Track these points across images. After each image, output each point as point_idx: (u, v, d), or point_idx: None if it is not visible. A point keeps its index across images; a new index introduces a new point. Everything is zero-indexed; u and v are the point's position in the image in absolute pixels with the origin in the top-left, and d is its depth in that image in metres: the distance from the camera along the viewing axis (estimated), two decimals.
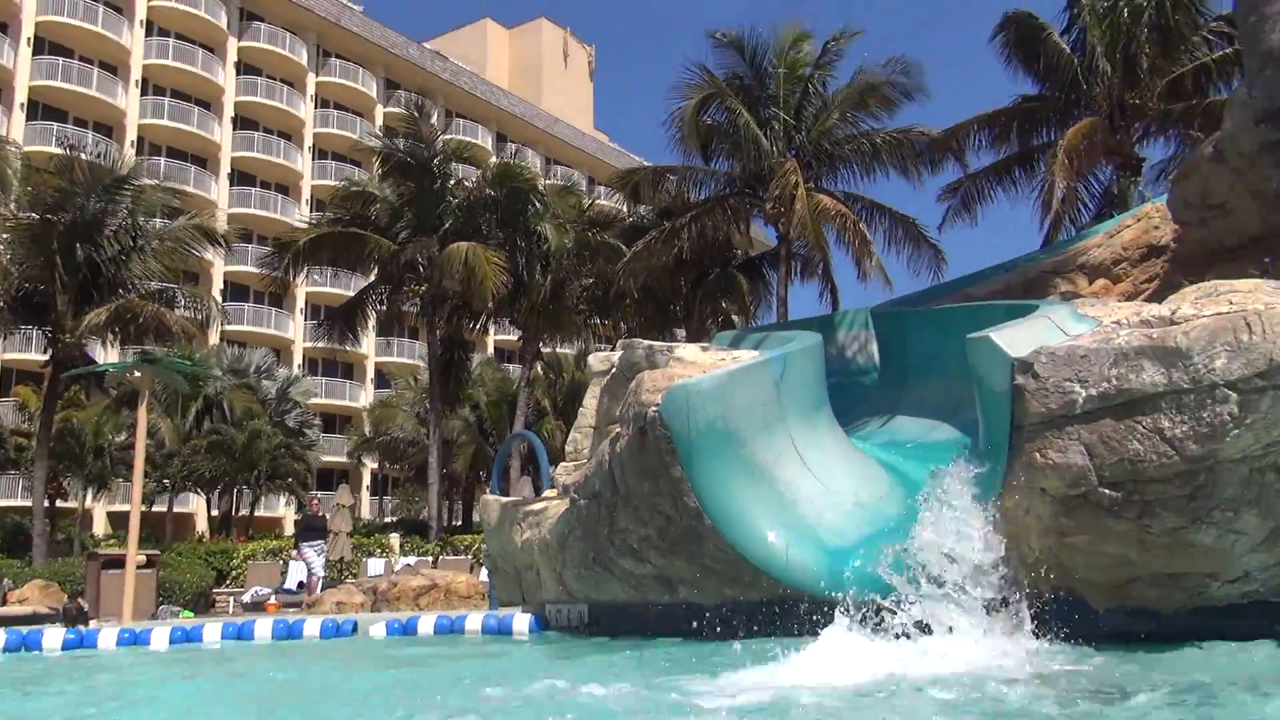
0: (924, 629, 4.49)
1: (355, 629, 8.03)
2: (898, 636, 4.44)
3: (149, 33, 44.76)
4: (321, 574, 16.54)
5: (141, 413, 14.68)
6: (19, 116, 39.84)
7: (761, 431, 5.84)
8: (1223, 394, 4.10)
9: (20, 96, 40.04)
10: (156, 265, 24.74)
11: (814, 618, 4.72)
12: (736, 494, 5.54)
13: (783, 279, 25.15)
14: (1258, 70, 7.70)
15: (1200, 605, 4.55)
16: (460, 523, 38.00)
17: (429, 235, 26.62)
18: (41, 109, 40.77)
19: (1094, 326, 5.01)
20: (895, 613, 4.44)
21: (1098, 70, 20.96)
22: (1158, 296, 9.05)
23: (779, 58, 24.61)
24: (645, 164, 31.01)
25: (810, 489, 5.74)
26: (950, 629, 4.41)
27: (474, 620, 7.94)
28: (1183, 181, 10.16)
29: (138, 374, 15.19)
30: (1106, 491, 4.33)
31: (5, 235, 22.16)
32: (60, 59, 41.23)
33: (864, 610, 4.53)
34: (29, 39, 40.61)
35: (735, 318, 28.26)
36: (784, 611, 5.20)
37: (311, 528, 17.48)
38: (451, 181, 27.44)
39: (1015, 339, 4.88)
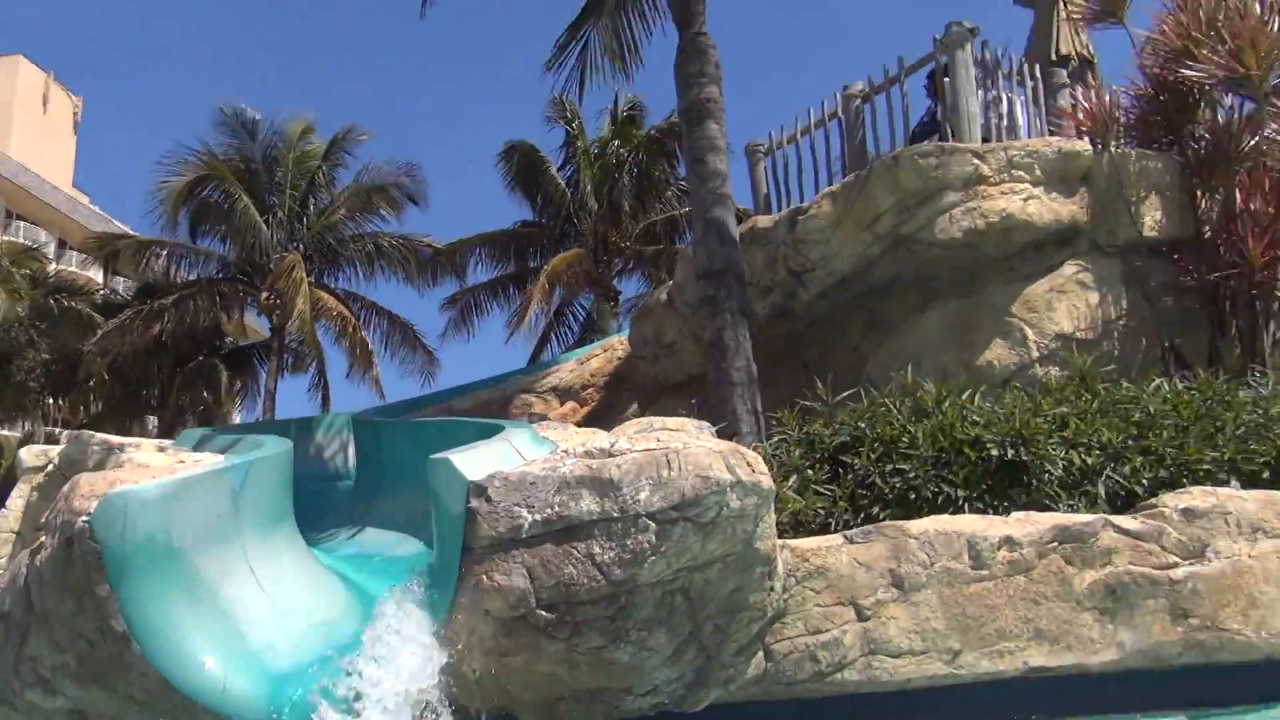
0: None
1: None
2: None
3: None
4: None
5: None
6: None
7: (212, 545, 5.44)
8: (644, 523, 4.56)
9: None
10: None
11: None
12: (173, 616, 5.06)
13: (273, 372, 24.16)
14: (700, 234, 8.96)
15: (616, 719, 4.95)
16: None
17: None
18: None
19: (550, 450, 5.36)
20: None
21: (587, 207, 23.20)
22: (615, 423, 10.01)
23: (287, 146, 24.16)
24: (130, 232, 28.42)
25: (260, 609, 5.42)
26: None
27: None
28: (641, 321, 11.47)
29: None
30: (543, 613, 4.59)
31: None
32: None
33: None
34: None
35: (215, 410, 26.50)
36: None
37: None
38: None
39: (475, 461, 5.05)
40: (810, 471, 6.27)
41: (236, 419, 28.91)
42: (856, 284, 9.14)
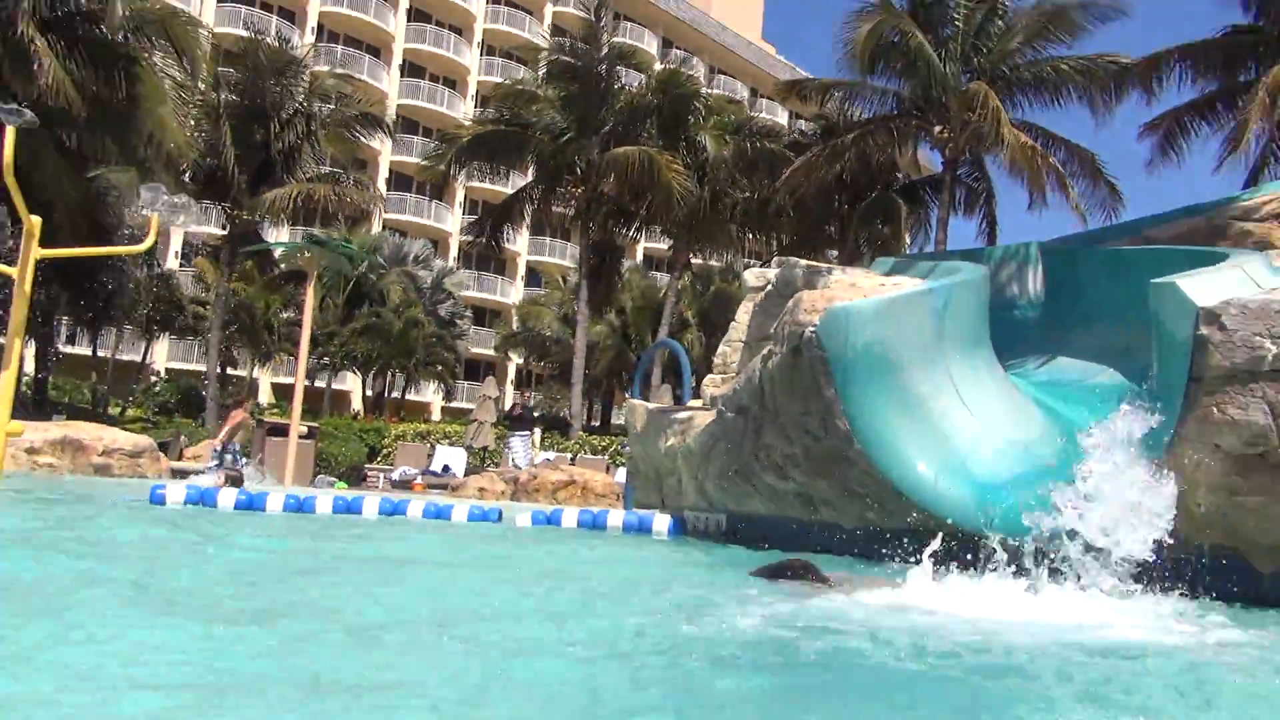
0: (1069, 578, 4.39)
1: (500, 517, 8.41)
2: (1049, 577, 4.35)
3: None
4: (523, 464, 17.26)
5: (310, 292, 15.48)
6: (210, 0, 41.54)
7: (919, 361, 5.77)
8: None
9: None
10: (329, 148, 25.84)
11: (955, 551, 4.68)
12: (889, 421, 5.52)
13: (946, 204, 24.36)
14: None
15: None
16: (599, 423, 38.84)
17: (589, 138, 26.75)
18: None
19: None
20: (1047, 556, 4.36)
21: None
22: None
23: None
24: (811, 77, 30.16)
25: (964, 423, 5.67)
26: (1096, 585, 4.30)
27: (615, 518, 8.20)
28: None
29: (306, 254, 15.92)
30: None
31: (193, 113, 23.37)
32: None
33: (1012, 550, 4.46)
34: None
35: (892, 243, 27.55)
36: (923, 542, 5.19)
37: (520, 419, 18.63)
38: (616, 85, 27.38)
39: (1203, 287, 4.65)
40: None
41: (909, 252, 29.89)
42: None
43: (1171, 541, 4.45)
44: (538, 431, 24.83)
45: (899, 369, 5.64)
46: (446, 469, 17.75)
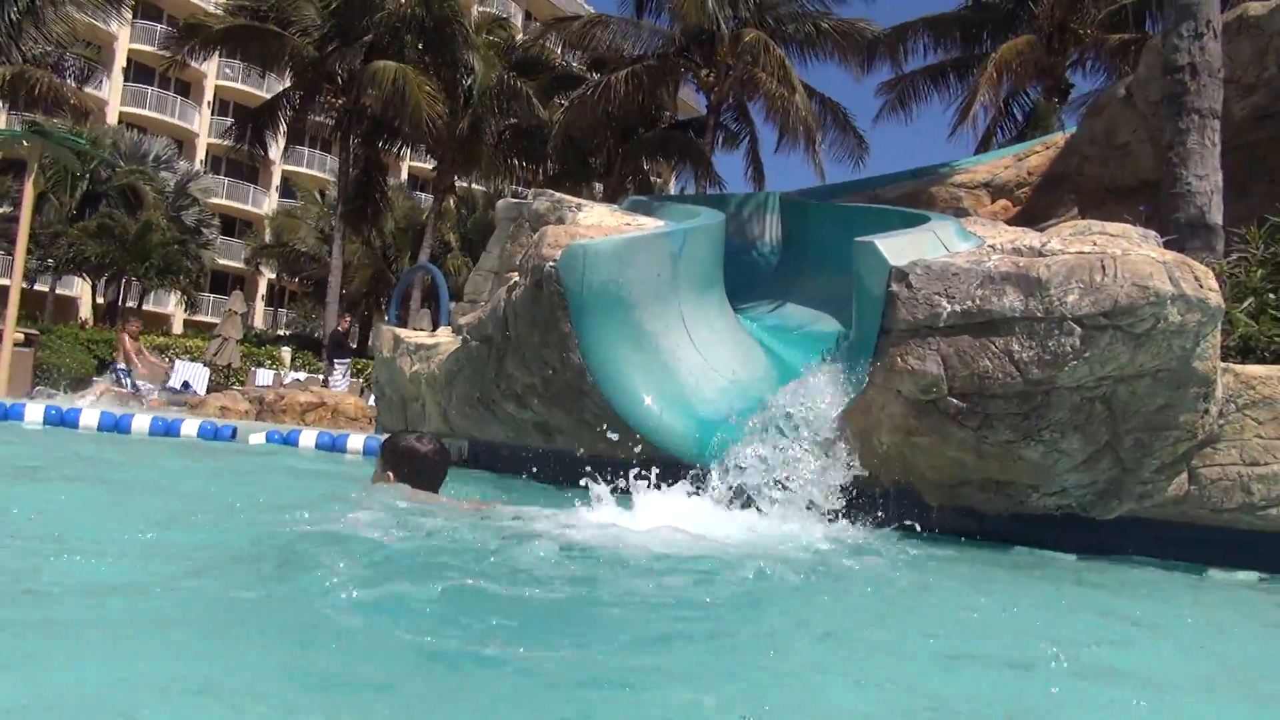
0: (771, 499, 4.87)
1: (234, 435, 8.19)
2: (744, 505, 4.82)
3: None
4: (342, 390, 16.54)
5: (28, 187, 14.19)
6: None
7: (653, 300, 6.08)
8: (1069, 326, 4.46)
9: None
10: (57, 29, 23.38)
11: (676, 477, 5.06)
12: (621, 356, 5.81)
13: (708, 148, 25.14)
14: (1173, 21, 7.96)
15: (1020, 512, 5.04)
16: (355, 345, 37.84)
17: (350, 46, 25.60)
18: None
19: (976, 245, 5.32)
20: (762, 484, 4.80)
21: None
22: (1049, 227, 9.48)
23: None
24: (586, 7, 30.08)
25: (692, 361, 6.05)
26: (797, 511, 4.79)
27: (355, 441, 8.17)
28: (1092, 117, 10.54)
29: (26, 144, 14.59)
30: (954, 400, 4.72)
31: None
32: None
33: (721, 474, 4.89)
34: None
35: (655, 180, 28.18)
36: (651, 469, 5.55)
37: (339, 344, 17.93)
38: None
39: (898, 247, 5.15)
40: (1272, 295, 5.68)
41: (673, 190, 30.66)
42: None
43: (864, 474, 5.00)
44: (287, 351, 23.92)
45: (633, 307, 5.93)
46: (187, 385, 16.89)
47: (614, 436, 5.40)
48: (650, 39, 25.28)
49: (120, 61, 41.39)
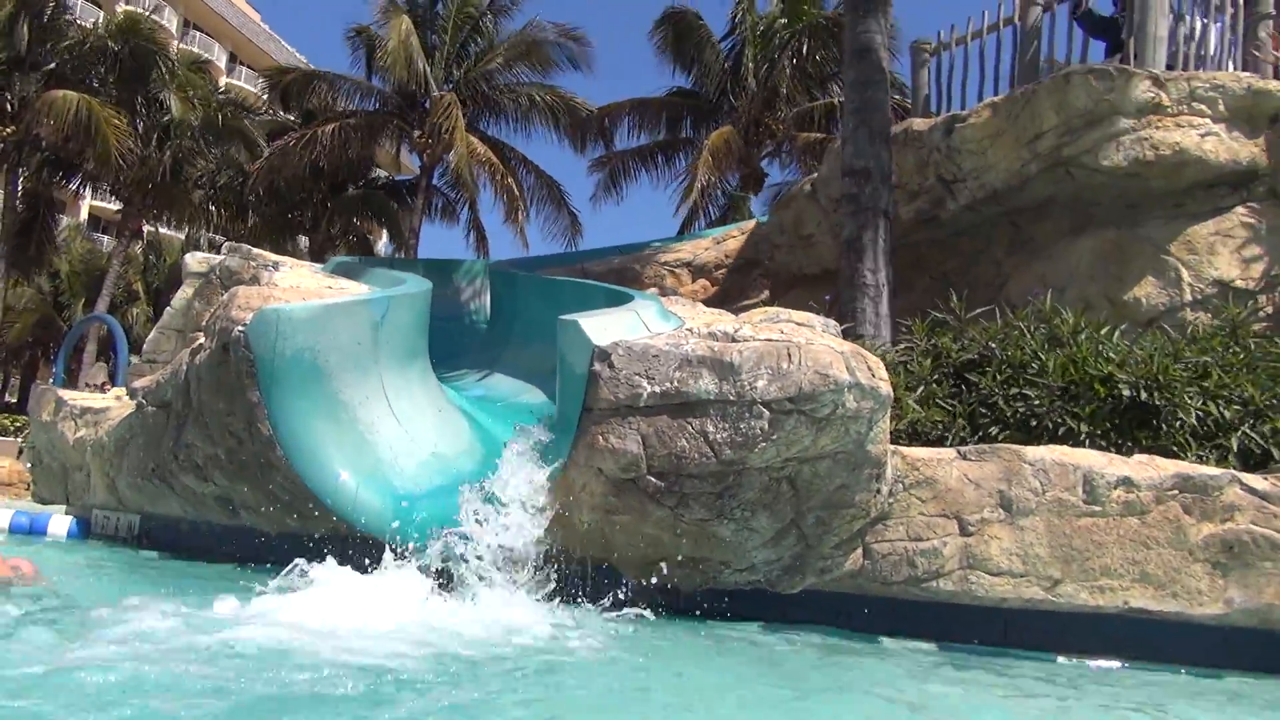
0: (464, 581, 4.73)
1: None
2: (440, 587, 4.65)
3: None
4: None
5: None
6: None
7: (352, 370, 5.81)
8: (759, 410, 4.68)
9: None
10: None
11: (373, 557, 4.81)
12: (314, 428, 5.49)
13: (420, 209, 24.86)
14: (850, 130, 8.76)
15: (713, 588, 5.19)
16: (15, 400, 33.82)
17: (24, 71, 23.30)
18: None
19: (676, 326, 5.49)
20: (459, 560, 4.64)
21: (745, 84, 22.66)
22: (743, 306, 10.06)
23: None
24: (298, 56, 29.15)
25: (392, 434, 5.81)
26: (486, 585, 4.69)
27: (1, 516, 7.20)
28: (782, 209, 11.36)
29: None
30: (652, 480, 4.81)
31: None
32: None
33: (418, 556, 4.69)
34: None
35: (369, 238, 27.47)
36: (344, 547, 5.25)
37: None
38: (64, 18, 24.19)
39: (602, 326, 5.22)
40: (936, 386, 6.26)
41: (381, 250, 29.96)
42: (1008, 200, 8.84)
43: (558, 552, 4.97)
44: None
45: (329, 377, 5.64)
46: None
47: (305, 514, 5.08)
48: (364, 96, 24.85)
49: None
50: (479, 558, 4.70)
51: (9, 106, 23.82)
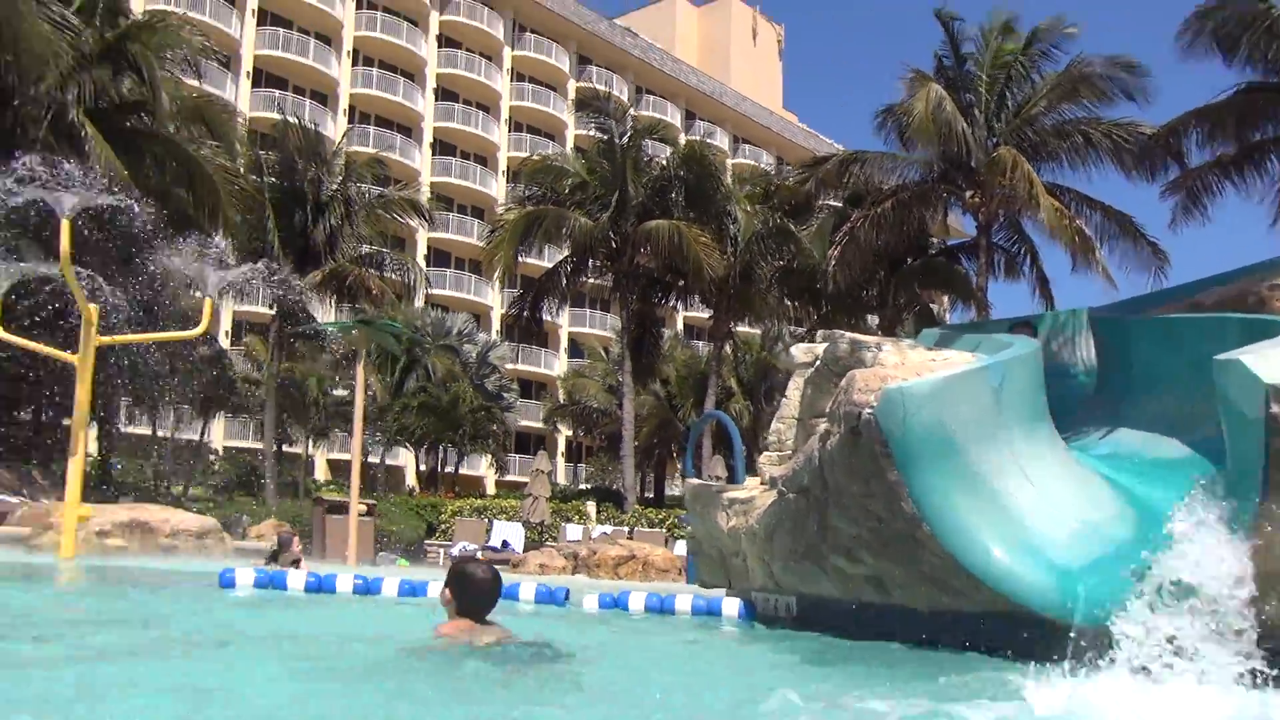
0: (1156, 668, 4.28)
1: (567, 598, 8.43)
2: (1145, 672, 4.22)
3: (359, 6, 47.39)
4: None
5: (360, 371, 15.77)
6: (245, 85, 42.93)
7: (980, 439, 5.77)
8: None
9: (246, 65, 43.11)
10: (367, 231, 26.52)
11: (1038, 637, 4.65)
12: (955, 502, 5.51)
13: (982, 270, 24.43)
14: None
15: None
16: (652, 495, 38.83)
17: (621, 212, 27.27)
18: (265, 77, 43.79)
19: None
20: (1141, 644, 4.28)
21: None
22: None
23: (986, 40, 23.93)
24: (837, 147, 30.64)
25: (1033, 503, 5.65)
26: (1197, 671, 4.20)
27: (683, 601, 8.20)
28: None
29: (355, 333, 16.30)
30: None
31: (235, 199, 24.16)
32: (280, 30, 44.21)
33: (1099, 639, 4.40)
34: (253, 10, 43.65)
35: (933, 306, 27.65)
36: (998, 627, 5.17)
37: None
38: (644, 159, 27.95)
39: (1268, 363, 4.63)
40: None
41: (947, 317, 29.86)
42: None
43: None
44: (591, 505, 24.89)
45: (961, 448, 5.64)
46: (506, 544, 17.86)
47: (957, 590, 5.08)
48: (906, 167, 25.21)
49: (421, 249, 46.02)
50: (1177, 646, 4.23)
51: (613, 244, 27.92)
